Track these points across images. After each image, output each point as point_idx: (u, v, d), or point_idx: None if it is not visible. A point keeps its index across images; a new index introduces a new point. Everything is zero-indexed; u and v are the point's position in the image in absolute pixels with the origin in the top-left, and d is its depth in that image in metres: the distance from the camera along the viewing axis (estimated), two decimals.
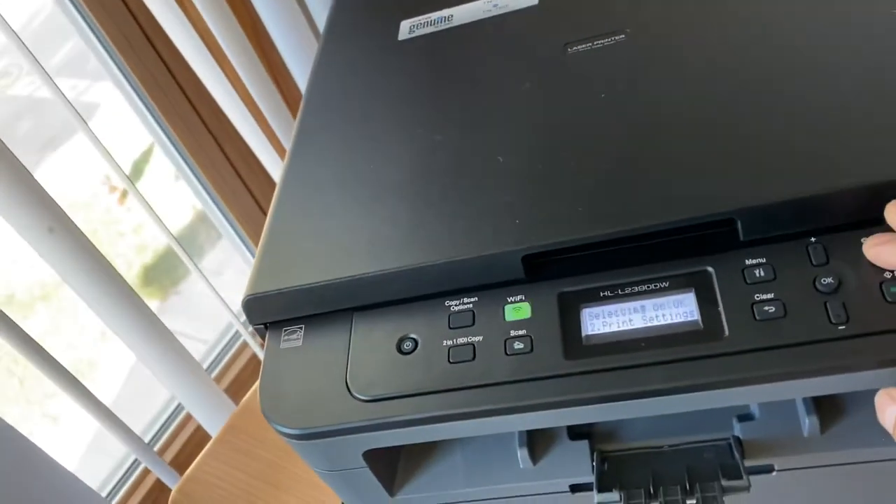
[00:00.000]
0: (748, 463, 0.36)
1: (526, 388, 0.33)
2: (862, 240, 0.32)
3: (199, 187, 1.06)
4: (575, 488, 0.39)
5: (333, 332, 0.38)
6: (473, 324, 0.36)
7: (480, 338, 0.35)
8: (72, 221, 0.65)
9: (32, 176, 0.61)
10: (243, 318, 1.07)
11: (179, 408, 1.04)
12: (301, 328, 0.39)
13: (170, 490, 0.87)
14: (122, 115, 1.16)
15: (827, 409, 0.36)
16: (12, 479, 0.69)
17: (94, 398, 0.74)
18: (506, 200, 0.37)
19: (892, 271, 0.31)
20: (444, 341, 0.36)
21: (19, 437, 0.68)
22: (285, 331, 0.39)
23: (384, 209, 0.39)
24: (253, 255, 1.11)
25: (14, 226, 0.64)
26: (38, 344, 0.67)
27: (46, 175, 1.15)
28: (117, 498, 0.96)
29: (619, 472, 0.37)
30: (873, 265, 0.31)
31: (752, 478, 0.36)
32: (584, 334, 0.34)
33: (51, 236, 0.64)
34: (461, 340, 0.35)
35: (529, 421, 0.34)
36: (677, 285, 0.34)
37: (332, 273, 0.37)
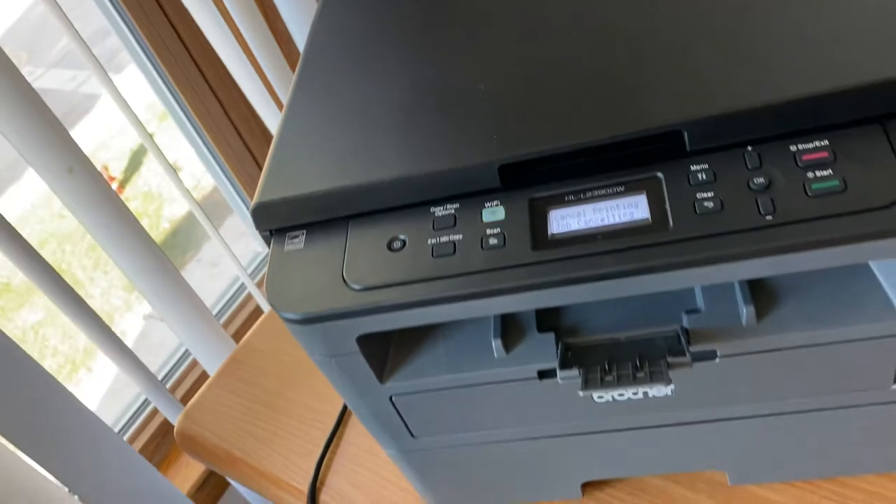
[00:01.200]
0: (694, 349, 0.41)
1: (498, 275, 0.39)
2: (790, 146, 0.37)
3: (207, 153, 1.11)
4: (542, 374, 0.44)
5: (331, 235, 0.43)
6: (455, 225, 0.41)
7: (460, 236, 0.40)
8: (91, 163, 0.70)
9: (55, 116, 0.66)
10: (250, 271, 1.12)
11: (183, 357, 1.09)
12: (303, 233, 0.44)
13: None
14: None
15: (763, 300, 0.41)
16: (37, 414, 0.74)
17: (113, 336, 0.79)
18: (485, 120, 0.42)
19: (813, 172, 0.36)
20: (429, 240, 0.41)
21: (44, 374, 0.72)
22: (289, 236, 0.44)
23: (377, 130, 0.45)
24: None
25: (34, 166, 0.69)
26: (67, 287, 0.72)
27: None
28: (127, 435, 1.02)
29: (580, 356, 0.42)
30: (799, 167, 0.36)
31: (697, 364, 0.42)
32: (549, 232, 0.39)
33: (70, 177, 0.69)
34: (443, 239, 0.40)
35: (501, 305, 0.39)
36: (631, 189, 0.39)
37: (330, 183, 0.42)
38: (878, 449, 0.48)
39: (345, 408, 0.67)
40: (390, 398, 0.46)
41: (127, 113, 0.93)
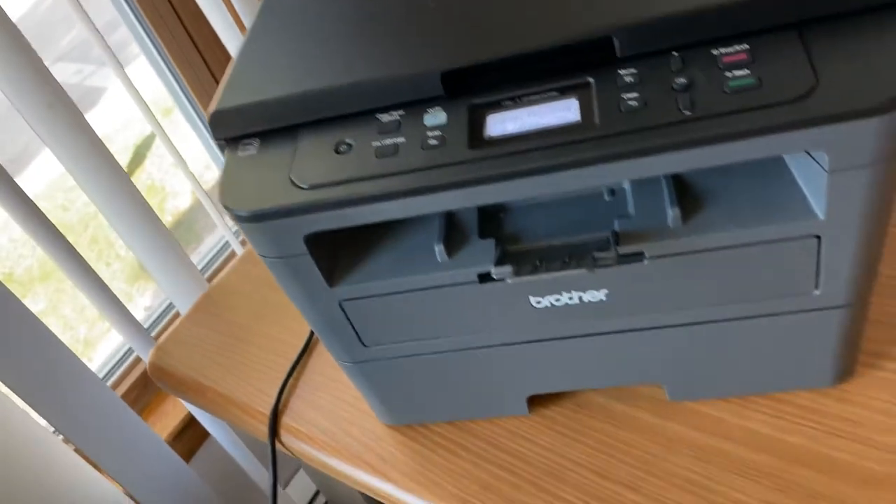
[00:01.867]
0: (622, 250, 0.43)
1: (435, 172, 0.40)
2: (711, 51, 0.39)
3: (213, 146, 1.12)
4: (482, 278, 0.46)
5: (282, 142, 0.45)
6: (398, 129, 0.43)
7: (403, 139, 0.42)
8: (70, 99, 0.72)
9: (34, 51, 0.68)
10: (240, 237, 1.14)
11: (167, 311, 1.11)
12: (256, 141, 0.46)
13: None
14: (125, 100, 1.23)
15: (689, 204, 0.43)
16: (26, 356, 0.76)
17: (100, 282, 0.81)
18: (430, 33, 0.44)
19: (732, 72, 0.38)
20: (374, 143, 0.43)
21: (34, 319, 0.75)
22: (243, 143, 0.46)
23: (329, 45, 0.47)
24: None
25: (13, 101, 0.71)
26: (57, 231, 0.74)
27: (50, 158, 1.22)
28: (109, 383, 1.04)
29: (516, 257, 0.44)
30: (719, 68, 0.38)
31: (627, 267, 0.44)
32: (486, 134, 0.41)
33: (49, 112, 0.71)
34: (387, 142, 0.42)
35: (438, 202, 0.41)
36: (564, 94, 0.41)
37: (281, 91, 0.45)
38: (807, 363, 0.50)
39: (309, 339, 0.69)
40: (340, 304, 0.48)
41: (137, 100, 0.96)
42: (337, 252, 0.49)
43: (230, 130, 0.46)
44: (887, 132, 0.36)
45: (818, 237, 0.41)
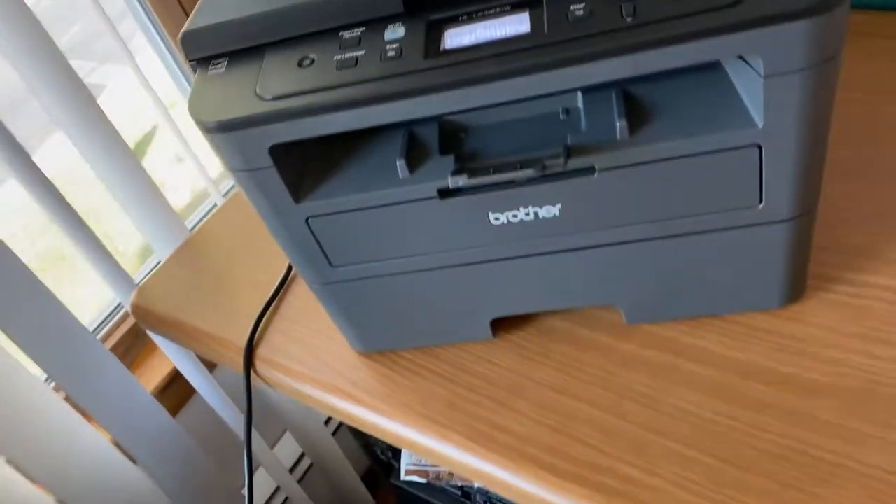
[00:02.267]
0: (573, 162, 0.45)
1: (392, 81, 0.42)
2: None
3: None
4: (442, 193, 0.47)
5: (249, 61, 0.47)
6: (359, 45, 0.45)
7: (363, 52, 0.44)
8: (55, 44, 0.73)
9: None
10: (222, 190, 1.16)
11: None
12: (225, 60, 0.48)
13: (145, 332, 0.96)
14: (126, 97, 1.24)
15: (636, 117, 0.45)
16: (20, 306, 0.78)
17: (91, 234, 0.83)
18: None
19: None
20: (335, 56, 0.45)
21: (27, 272, 0.77)
22: (212, 63, 0.48)
23: None
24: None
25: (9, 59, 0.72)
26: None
27: (50, 152, 1.23)
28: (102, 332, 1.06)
29: (473, 171, 0.46)
30: None
31: (579, 180, 0.46)
32: (442, 47, 0.43)
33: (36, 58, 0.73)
34: (348, 55, 0.44)
35: (394, 111, 0.43)
36: (516, 8, 0.43)
37: (248, 11, 0.46)
38: (757, 283, 0.52)
39: (285, 276, 0.71)
40: (307, 221, 0.50)
41: (146, 88, 0.98)
42: (304, 171, 0.50)
43: (200, 51, 0.48)
44: (817, 35, 0.38)
45: (759, 146, 0.43)
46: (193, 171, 1.14)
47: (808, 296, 0.54)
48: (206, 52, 0.48)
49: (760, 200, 0.46)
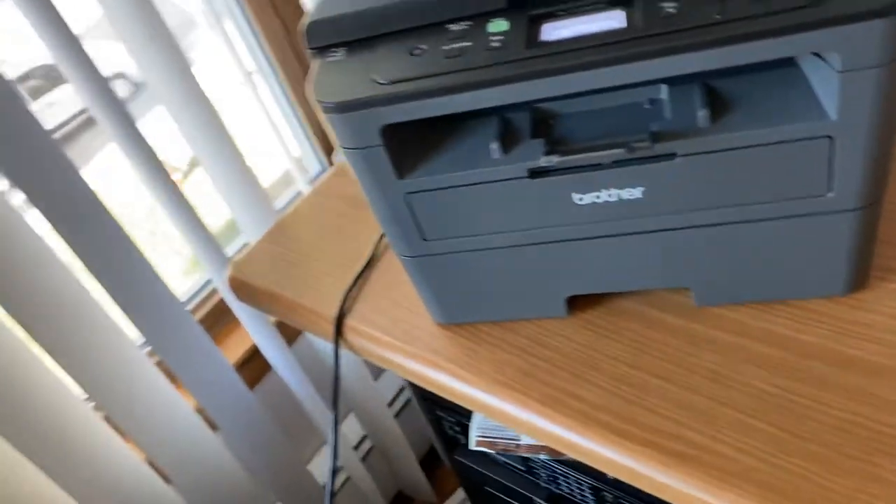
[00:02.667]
0: (658, 148, 0.49)
1: (495, 69, 0.47)
2: None
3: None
4: (532, 174, 0.52)
5: (365, 50, 0.52)
6: (465, 37, 0.50)
7: (469, 43, 0.49)
8: (167, 28, 0.80)
9: None
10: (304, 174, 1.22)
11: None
12: (343, 49, 0.53)
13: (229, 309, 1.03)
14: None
15: (717, 105, 0.49)
16: (124, 275, 0.86)
17: (192, 212, 0.90)
18: None
19: None
20: (443, 47, 0.50)
21: (131, 245, 0.85)
22: (331, 51, 0.54)
23: None
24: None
25: (123, 37, 0.80)
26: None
27: (99, 167, 1.30)
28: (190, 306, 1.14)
29: (562, 153, 0.50)
30: None
31: (662, 164, 0.50)
32: (542, 39, 0.48)
33: (151, 45, 0.80)
34: (455, 46, 0.49)
35: (499, 95, 0.48)
36: (613, 5, 0.47)
37: (364, 6, 0.52)
38: (823, 270, 0.55)
39: (373, 252, 0.76)
40: (406, 196, 0.55)
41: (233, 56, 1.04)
42: (407, 150, 0.56)
43: (320, 39, 0.54)
44: (894, 31, 0.41)
45: (830, 137, 0.47)
46: (275, 158, 1.21)
47: (872, 286, 0.57)
48: (326, 41, 0.54)
49: (830, 189, 0.50)
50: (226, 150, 0.90)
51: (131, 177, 0.88)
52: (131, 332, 0.92)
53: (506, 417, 0.60)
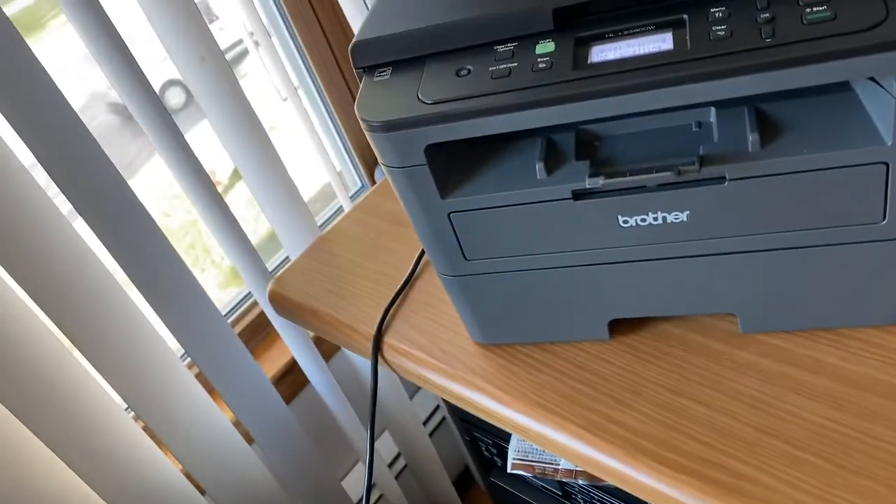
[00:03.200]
0: (706, 171, 0.48)
1: (542, 90, 0.47)
2: None
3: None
4: (576, 195, 0.52)
5: (411, 70, 0.53)
6: (512, 57, 0.50)
7: (516, 64, 0.49)
8: (221, 53, 0.82)
9: (193, 3, 0.79)
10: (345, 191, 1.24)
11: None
12: (389, 69, 0.54)
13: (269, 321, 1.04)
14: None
15: (768, 131, 0.48)
16: (167, 285, 0.87)
17: (238, 229, 0.91)
18: None
19: (811, 7, 0.43)
20: (490, 67, 0.50)
21: (177, 258, 0.86)
22: (378, 71, 0.54)
23: None
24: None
25: (171, 52, 0.82)
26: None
27: (148, 177, 1.33)
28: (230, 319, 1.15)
29: (607, 175, 0.50)
30: (800, 5, 0.43)
31: (709, 188, 0.49)
32: (589, 61, 0.48)
33: (201, 65, 0.82)
34: (502, 66, 0.50)
35: (545, 116, 0.48)
36: (661, 28, 0.47)
37: (412, 25, 0.52)
38: (873, 298, 0.53)
39: (412, 271, 0.76)
40: (449, 215, 0.56)
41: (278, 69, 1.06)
42: (450, 170, 0.56)
43: (367, 59, 0.54)
44: None
45: (886, 164, 0.46)
46: (318, 174, 1.22)
47: None
48: (372, 60, 0.54)
49: (884, 217, 0.48)
50: (269, 165, 0.91)
51: (172, 188, 0.89)
52: (172, 342, 0.93)
53: (545, 441, 0.60)
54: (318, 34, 1.15)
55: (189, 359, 1.00)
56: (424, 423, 1.40)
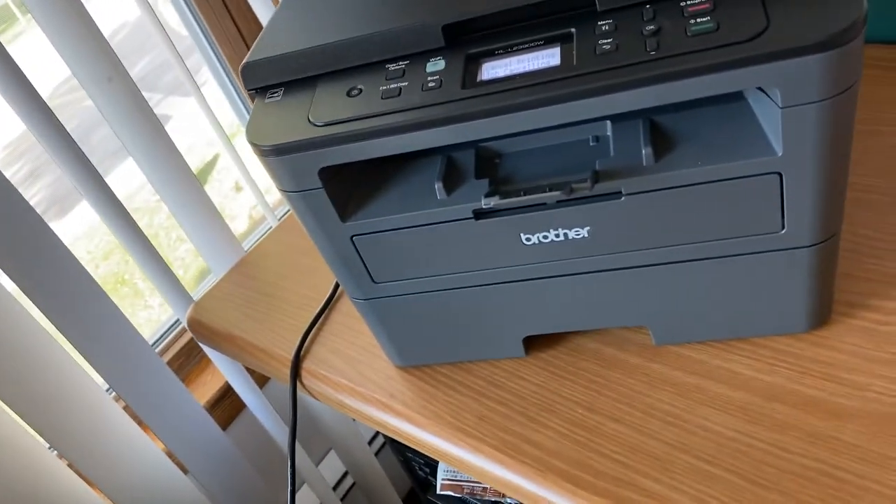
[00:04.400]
0: (601, 186, 0.47)
1: (432, 109, 0.46)
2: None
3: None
4: (477, 215, 0.51)
5: (302, 91, 0.51)
6: (403, 76, 0.48)
7: (406, 83, 0.48)
8: (127, 73, 0.79)
9: (96, 25, 0.76)
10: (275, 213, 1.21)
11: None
12: (281, 90, 0.52)
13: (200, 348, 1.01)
14: (189, 129, 1.31)
15: (661, 142, 0.47)
16: (87, 318, 0.84)
17: (156, 254, 0.88)
18: None
19: (695, 19, 0.42)
20: (381, 87, 0.48)
21: (96, 287, 0.83)
22: (269, 92, 0.52)
23: (344, 8, 0.53)
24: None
25: (76, 73, 0.79)
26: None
27: (119, 179, 1.30)
28: (158, 348, 1.12)
29: (506, 193, 0.49)
30: (684, 16, 0.43)
31: (607, 203, 0.48)
32: (479, 78, 0.46)
33: (109, 85, 0.79)
34: (392, 85, 0.48)
35: (435, 137, 0.46)
36: (549, 43, 0.46)
37: (302, 45, 0.51)
38: (783, 307, 0.53)
39: (331, 294, 0.74)
40: (352, 239, 0.54)
41: (209, 117, 1.04)
42: (350, 192, 0.54)
43: (258, 81, 0.52)
44: (832, 68, 0.40)
45: (779, 174, 0.45)
46: (252, 199, 1.20)
47: (835, 321, 0.55)
48: (263, 81, 0.52)
49: (783, 227, 0.48)
50: (186, 186, 0.88)
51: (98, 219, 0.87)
52: (97, 376, 0.90)
53: (461, 464, 0.58)
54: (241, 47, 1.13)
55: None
56: (370, 443, 1.38)
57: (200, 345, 0.86)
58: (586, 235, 0.50)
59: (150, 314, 1.59)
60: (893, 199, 0.61)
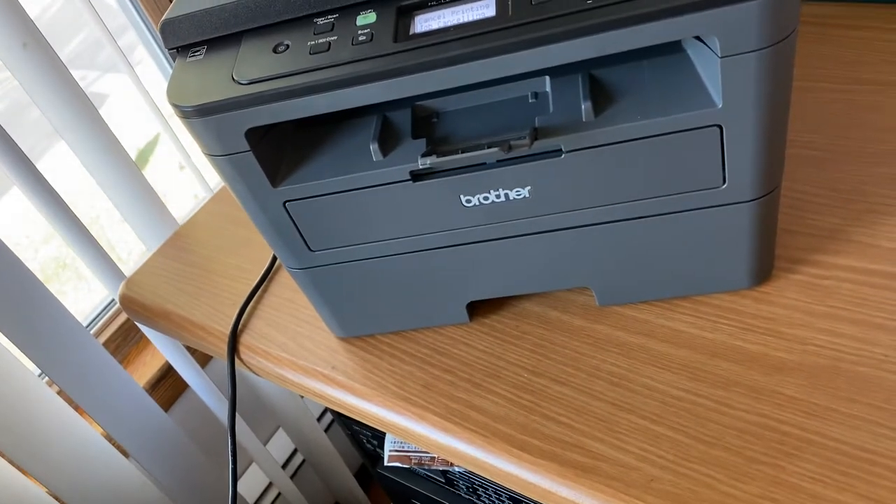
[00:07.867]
0: (541, 143, 0.46)
1: (362, 64, 0.44)
2: None
3: None
4: (415, 176, 0.49)
5: (227, 48, 0.48)
6: (332, 30, 0.46)
7: (336, 37, 0.45)
8: (44, 38, 0.75)
9: None
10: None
11: None
12: (203, 48, 0.49)
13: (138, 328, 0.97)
14: (129, 106, 1.24)
15: (601, 97, 0.46)
16: (20, 306, 0.80)
17: (85, 231, 0.84)
18: None
19: None
20: (308, 42, 0.46)
21: (29, 275, 0.78)
22: (191, 51, 0.49)
23: None
24: None
25: None
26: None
27: (54, 162, 1.23)
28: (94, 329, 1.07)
29: (443, 153, 0.47)
30: None
31: (547, 161, 0.47)
32: (412, 31, 0.44)
33: (24, 51, 0.74)
34: (321, 40, 0.46)
35: (366, 93, 0.44)
36: None
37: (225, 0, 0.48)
38: (725, 264, 0.53)
39: (270, 266, 0.72)
40: (284, 205, 0.51)
41: (145, 97, 0.99)
42: (281, 156, 0.52)
43: (179, 39, 0.49)
44: (770, 16, 0.39)
45: (719, 127, 0.44)
46: (194, 180, 1.15)
47: (777, 277, 0.55)
48: (185, 40, 0.49)
49: (724, 181, 0.47)
50: (112, 155, 0.84)
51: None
52: (28, 361, 0.86)
53: (407, 434, 0.57)
54: None
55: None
56: (319, 419, 1.36)
57: (137, 323, 0.83)
58: (527, 195, 0.49)
59: (94, 298, 1.54)
60: (831, 154, 0.61)
